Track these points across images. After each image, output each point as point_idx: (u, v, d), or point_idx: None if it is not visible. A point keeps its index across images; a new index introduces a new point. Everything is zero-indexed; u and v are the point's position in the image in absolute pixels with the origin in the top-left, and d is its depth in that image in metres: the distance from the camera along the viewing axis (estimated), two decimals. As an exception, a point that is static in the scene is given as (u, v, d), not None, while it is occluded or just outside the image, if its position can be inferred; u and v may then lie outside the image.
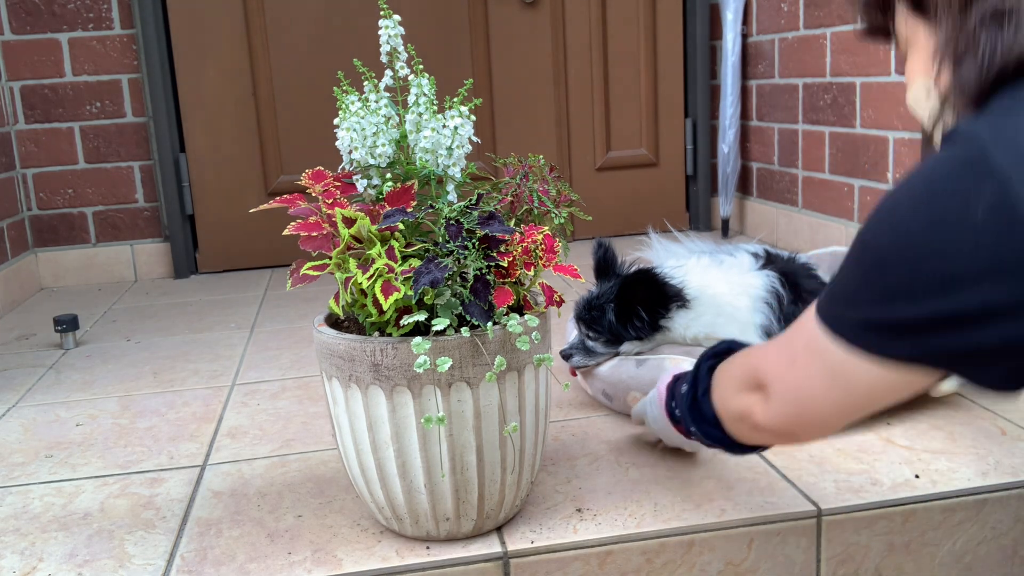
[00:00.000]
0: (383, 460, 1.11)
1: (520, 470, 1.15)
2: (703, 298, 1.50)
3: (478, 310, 1.05)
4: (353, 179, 1.18)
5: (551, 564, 1.16)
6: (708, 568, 1.20)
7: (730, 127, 3.03)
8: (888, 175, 2.31)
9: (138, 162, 2.97)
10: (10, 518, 1.33)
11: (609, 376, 1.55)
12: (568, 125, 3.18)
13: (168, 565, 1.17)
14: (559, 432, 1.51)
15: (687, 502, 1.25)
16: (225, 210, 2.99)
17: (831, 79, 2.54)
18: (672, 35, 3.15)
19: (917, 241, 0.75)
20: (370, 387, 1.07)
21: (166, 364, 2.04)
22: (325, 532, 1.22)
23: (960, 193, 0.73)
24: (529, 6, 3.06)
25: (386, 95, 1.18)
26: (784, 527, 1.21)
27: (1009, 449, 1.36)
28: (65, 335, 2.20)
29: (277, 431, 1.60)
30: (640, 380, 1.49)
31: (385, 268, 1.05)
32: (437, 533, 1.16)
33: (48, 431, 1.67)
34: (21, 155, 2.90)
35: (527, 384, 1.12)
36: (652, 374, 1.47)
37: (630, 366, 1.52)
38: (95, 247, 3.00)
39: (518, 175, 1.21)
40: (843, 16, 2.44)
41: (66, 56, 2.86)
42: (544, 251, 1.10)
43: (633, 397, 1.50)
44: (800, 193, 2.78)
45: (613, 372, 1.55)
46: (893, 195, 0.79)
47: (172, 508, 1.33)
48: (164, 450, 1.55)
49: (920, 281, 0.75)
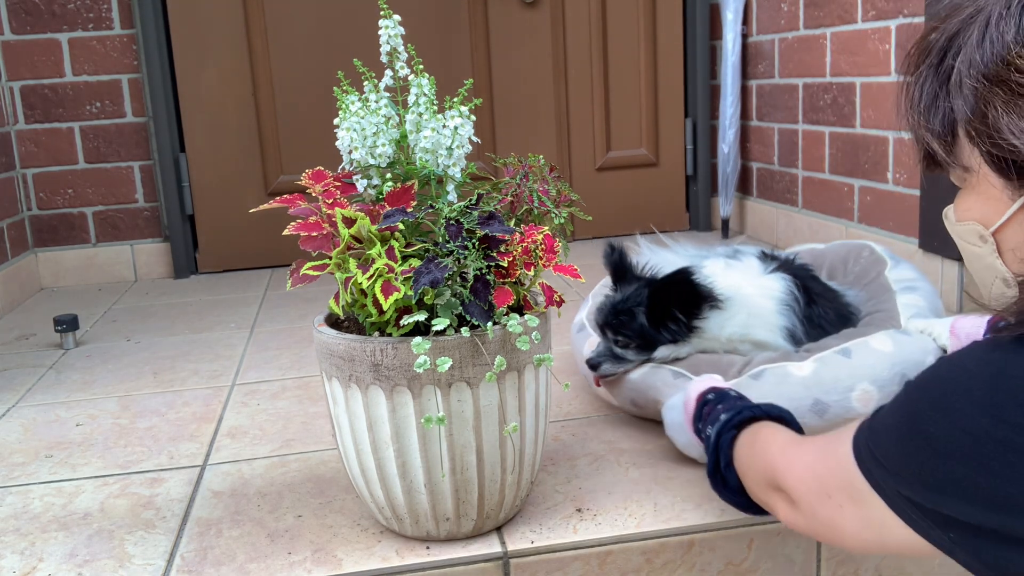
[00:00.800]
0: (383, 460, 1.11)
1: (520, 470, 1.15)
2: (737, 298, 1.46)
3: (478, 310, 1.05)
4: (353, 179, 1.18)
5: (551, 564, 1.16)
6: (708, 568, 1.20)
7: (730, 127, 3.02)
8: (888, 175, 2.31)
9: (138, 162, 2.97)
10: (10, 518, 1.33)
11: (640, 383, 1.48)
12: (568, 125, 3.18)
13: (168, 565, 1.17)
14: (559, 432, 1.51)
15: (687, 502, 1.25)
16: (225, 210, 2.99)
17: (831, 79, 2.54)
18: (672, 35, 3.15)
19: (979, 452, 0.70)
20: (370, 387, 1.07)
21: (166, 364, 2.04)
22: (325, 532, 1.22)
23: None
24: (529, 6, 3.06)
25: (386, 95, 1.18)
26: (784, 527, 1.21)
27: (1009, 449, 1.36)
28: (65, 335, 2.20)
29: (277, 431, 1.60)
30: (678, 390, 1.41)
31: (385, 268, 1.05)
32: (437, 533, 1.16)
33: (48, 431, 1.67)
34: (21, 155, 2.90)
35: (527, 384, 1.12)
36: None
37: (665, 375, 1.45)
38: (95, 247, 3.00)
39: (518, 175, 1.21)
40: (843, 16, 2.44)
41: (66, 56, 2.86)
42: (544, 251, 1.10)
43: None
44: (800, 193, 2.78)
45: (645, 379, 1.47)
46: (952, 374, 0.74)
47: (172, 508, 1.33)
48: (164, 450, 1.55)
49: (979, 491, 0.71)
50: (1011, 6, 0.74)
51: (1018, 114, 0.72)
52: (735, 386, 1.33)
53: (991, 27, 0.75)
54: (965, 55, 0.77)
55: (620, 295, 1.49)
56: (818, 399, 1.34)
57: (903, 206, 2.26)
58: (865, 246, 1.91)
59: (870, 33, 2.32)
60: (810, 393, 1.34)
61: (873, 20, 2.31)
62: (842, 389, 1.35)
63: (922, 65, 0.82)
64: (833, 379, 1.35)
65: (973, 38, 0.76)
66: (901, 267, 1.79)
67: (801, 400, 1.33)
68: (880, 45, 2.28)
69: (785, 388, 1.35)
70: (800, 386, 1.35)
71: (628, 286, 1.50)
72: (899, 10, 2.20)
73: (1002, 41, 0.74)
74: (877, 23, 2.29)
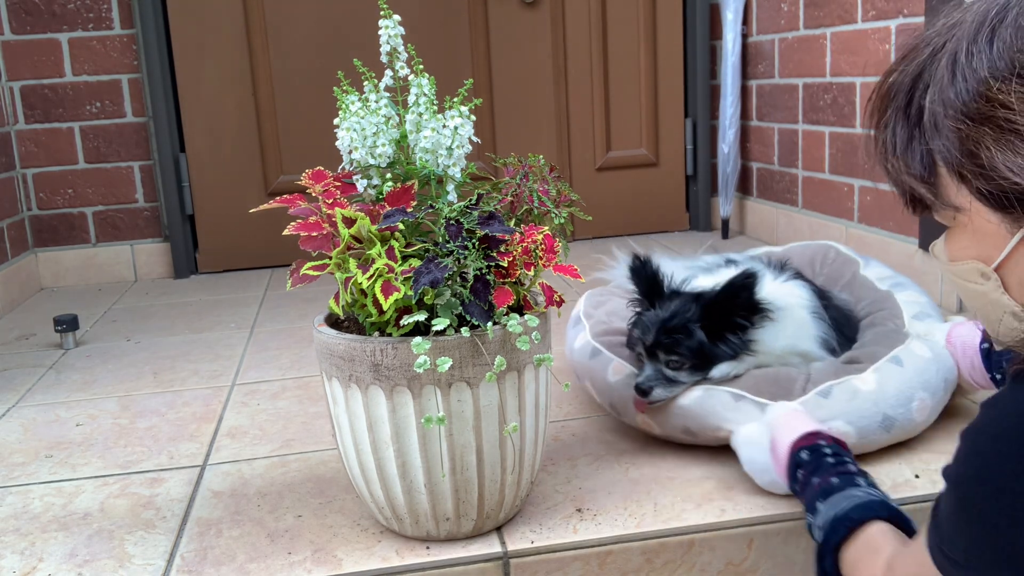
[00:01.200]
0: (383, 460, 1.11)
1: (520, 470, 1.15)
2: (786, 309, 1.40)
3: (478, 310, 1.05)
4: (353, 179, 1.18)
5: (551, 564, 1.16)
6: (708, 568, 1.20)
7: (730, 127, 3.02)
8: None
9: (138, 162, 2.97)
10: (10, 518, 1.33)
11: (696, 409, 1.35)
12: (568, 125, 3.18)
13: (168, 565, 1.17)
14: (559, 432, 1.51)
15: (687, 502, 1.25)
16: (225, 210, 2.98)
17: (831, 79, 2.54)
18: (672, 35, 3.15)
19: None
20: (370, 387, 1.07)
21: (166, 364, 2.04)
22: (325, 532, 1.22)
23: None
24: (529, 6, 3.06)
25: (386, 95, 1.18)
26: (784, 527, 1.21)
27: (1009, 449, 1.36)
28: (65, 335, 2.20)
29: (277, 431, 1.60)
30: (740, 415, 1.32)
31: (385, 268, 1.05)
32: (437, 533, 1.16)
33: (48, 431, 1.67)
34: (21, 155, 2.90)
35: (527, 384, 1.12)
36: (753, 410, 1.31)
37: (724, 397, 1.34)
38: (95, 247, 3.00)
39: (518, 175, 1.21)
40: (843, 16, 2.44)
41: (66, 56, 2.86)
42: (544, 251, 1.10)
43: (727, 432, 1.33)
44: (800, 193, 2.78)
45: (701, 404, 1.34)
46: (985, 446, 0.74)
47: (172, 508, 1.33)
48: (164, 450, 1.55)
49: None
50: (978, 40, 0.71)
51: (1012, 150, 0.70)
52: (804, 405, 1.29)
53: (960, 63, 0.72)
54: (936, 94, 0.74)
55: (665, 312, 1.39)
56: (886, 415, 1.31)
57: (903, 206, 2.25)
58: (831, 247, 1.89)
59: (870, 33, 2.32)
60: (879, 409, 1.31)
61: (873, 20, 2.31)
62: (904, 400, 1.33)
63: (888, 110, 0.79)
64: (896, 391, 1.33)
65: (943, 77, 0.73)
66: (873, 265, 1.79)
67: (871, 417, 1.30)
68: (880, 45, 2.28)
69: (855, 404, 1.31)
70: (869, 402, 1.31)
71: (668, 302, 1.40)
72: (899, 10, 2.20)
73: (977, 77, 0.71)
74: (877, 23, 2.29)
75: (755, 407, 1.32)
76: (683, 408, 1.36)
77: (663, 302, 1.41)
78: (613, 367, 1.48)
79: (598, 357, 1.52)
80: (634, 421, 1.44)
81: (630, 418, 1.44)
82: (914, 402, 1.34)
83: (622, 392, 1.44)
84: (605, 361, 1.50)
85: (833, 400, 1.31)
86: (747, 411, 1.32)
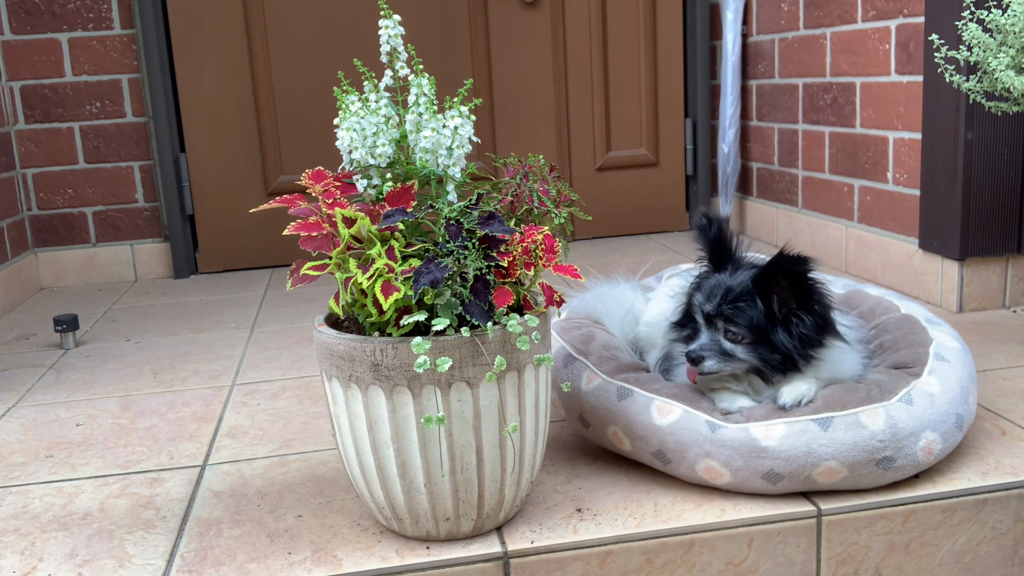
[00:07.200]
0: (383, 460, 1.11)
1: (520, 470, 1.15)
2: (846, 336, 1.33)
3: (478, 310, 1.05)
4: (353, 179, 1.18)
5: (551, 564, 1.16)
6: (708, 568, 1.20)
7: (730, 127, 3.03)
8: (888, 175, 2.31)
9: (138, 162, 2.97)
10: (10, 518, 1.33)
11: (784, 449, 1.20)
12: (568, 125, 3.18)
13: (168, 565, 1.17)
14: (559, 432, 1.51)
15: (687, 502, 1.25)
16: (225, 210, 2.99)
17: (831, 79, 2.54)
18: (672, 35, 3.15)
19: None
20: (370, 387, 1.07)
21: (166, 364, 2.04)
22: (325, 532, 1.22)
23: None
24: (529, 6, 3.06)
25: (386, 95, 1.18)
26: (784, 527, 1.21)
27: (1009, 449, 1.36)
28: (65, 335, 2.20)
29: (277, 431, 1.60)
30: (836, 443, 1.19)
31: (385, 268, 1.05)
32: (437, 533, 1.16)
33: (48, 431, 1.67)
34: (21, 155, 2.90)
35: (527, 384, 1.12)
36: (849, 436, 1.20)
37: (813, 428, 1.21)
38: (95, 247, 3.00)
39: (518, 175, 1.21)
40: (843, 16, 2.44)
41: (66, 56, 2.86)
42: (544, 251, 1.10)
43: (829, 468, 1.20)
44: (800, 193, 2.78)
45: (790, 443, 1.20)
46: None
47: (172, 508, 1.33)
48: (164, 450, 1.55)
49: None
50: None
51: None
52: (888, 412, 1.22)
53: None
54: None
55: (727, 278, 1.30)
56: (958, 414, 1.29)
57: (903, 206, 2.26)
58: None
59: (870, 33, 2.32)
60: (952, 410, 1.28)
61: (873, 20, 2.31)
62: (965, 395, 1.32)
63: None
64: (958, 387, 1.32)
65: None
66: None
67: (947, 419, 1.27)
68: (880, 45, 2.28)
69: (935, 409, 1.27)
70: (943, 403, 1.28)
71: (736, 269, 1.31)
72: (899, 10, 2.20)
73: None
74: (877, 23, 2.29)
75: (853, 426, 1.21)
76: (771, 451, 1.20)
77: (730, 268, 1.32)
78: (657, 407, 1.30)
79: (629, 398, 1.33)
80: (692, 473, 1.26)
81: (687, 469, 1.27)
82: (971, 395, 1.34)
83: (681, 434, 1.26)
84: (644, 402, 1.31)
85: (917, 407, 1.25)
86: (843, 435, 1.20)
